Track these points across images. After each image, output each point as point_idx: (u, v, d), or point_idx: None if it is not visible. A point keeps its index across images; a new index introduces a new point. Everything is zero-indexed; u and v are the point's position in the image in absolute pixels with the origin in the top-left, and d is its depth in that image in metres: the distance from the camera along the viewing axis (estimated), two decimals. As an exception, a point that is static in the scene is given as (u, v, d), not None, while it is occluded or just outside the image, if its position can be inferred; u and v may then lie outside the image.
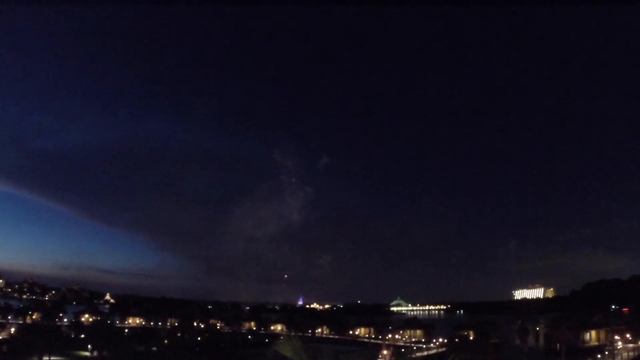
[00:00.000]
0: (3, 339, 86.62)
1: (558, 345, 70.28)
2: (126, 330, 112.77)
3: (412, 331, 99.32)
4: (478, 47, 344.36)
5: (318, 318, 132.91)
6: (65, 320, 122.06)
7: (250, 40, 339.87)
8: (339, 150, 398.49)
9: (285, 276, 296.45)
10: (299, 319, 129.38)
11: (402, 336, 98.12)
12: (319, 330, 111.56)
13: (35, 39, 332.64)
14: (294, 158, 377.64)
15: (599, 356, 69.06)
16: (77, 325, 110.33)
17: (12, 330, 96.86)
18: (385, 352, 70.47)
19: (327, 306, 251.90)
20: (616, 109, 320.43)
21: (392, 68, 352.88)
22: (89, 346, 78.96)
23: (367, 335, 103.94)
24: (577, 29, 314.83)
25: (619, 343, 76.37)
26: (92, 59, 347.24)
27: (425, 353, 79.32)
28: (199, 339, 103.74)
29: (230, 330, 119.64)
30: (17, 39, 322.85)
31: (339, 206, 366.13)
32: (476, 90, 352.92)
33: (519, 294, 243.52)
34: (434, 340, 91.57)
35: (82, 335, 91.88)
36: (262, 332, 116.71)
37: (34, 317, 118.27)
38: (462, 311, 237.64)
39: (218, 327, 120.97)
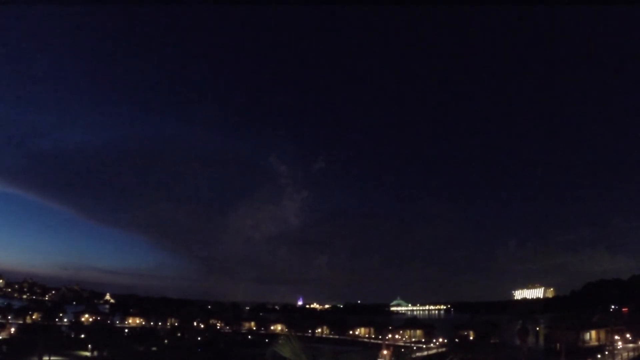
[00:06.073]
0: (3, 339, 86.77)
1: (558, 345, 70.21)
2: (126, 330, 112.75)
3: (412, 331, 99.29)
4: (478, 47, 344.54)
5: (318, 318, 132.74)
6: (65, 320, 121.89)
7: (249, 41, 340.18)
8: (339, 151, 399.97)
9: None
10: (299, 319, 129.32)
11: (402, 336, 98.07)
12: (319, 330, 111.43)
13: (34, 39, 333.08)
14: (294, 158, 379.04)
15: (598, 356, 69.01)
16: (77, 325, 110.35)
17: (12, 330, 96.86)
18: (385, 352, 70.41)
19: (327, 306, 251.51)
20: (616, 109, 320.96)
21: (390, 68, 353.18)
22: (89, 346, 79.02)
23: (367, 335, 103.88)
24: (580, 30, 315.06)
25: (619, 343, 76.30)
26: (92, 59, 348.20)
27: (425, 353, 79.22)
28: (199, 339, 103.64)
29: (230, 330, 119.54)
30: (16, 39, 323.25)
31: (339, 206, 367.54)
32: (476, 90, 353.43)
33: (519, 294, 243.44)
34: (434, 340, 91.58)
35: (82, 335, 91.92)
36: (262, 332, 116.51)
37: (34, 317, 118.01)
38: (462, 311, 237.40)
39: (218, 327, 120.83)
